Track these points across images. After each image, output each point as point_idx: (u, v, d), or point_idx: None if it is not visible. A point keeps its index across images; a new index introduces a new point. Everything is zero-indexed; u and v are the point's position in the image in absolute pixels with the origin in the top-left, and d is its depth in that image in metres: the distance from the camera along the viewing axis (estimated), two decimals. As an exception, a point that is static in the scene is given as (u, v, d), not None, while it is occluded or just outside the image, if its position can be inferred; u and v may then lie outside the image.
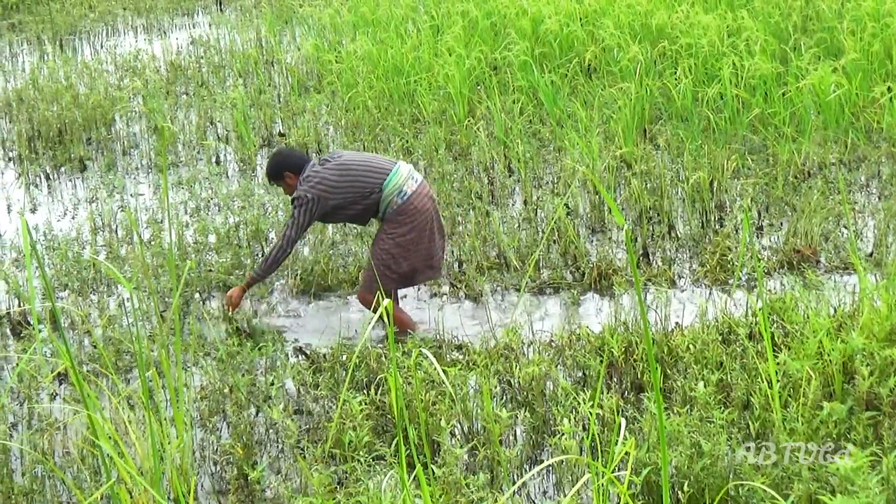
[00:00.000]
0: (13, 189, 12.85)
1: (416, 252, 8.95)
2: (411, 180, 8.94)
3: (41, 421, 7.66)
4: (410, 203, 8.87)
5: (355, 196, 8.87)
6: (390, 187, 8.85)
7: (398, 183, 8.87)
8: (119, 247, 10.79)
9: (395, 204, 8.86)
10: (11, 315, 9.45)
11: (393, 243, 8.90)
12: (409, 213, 8.88)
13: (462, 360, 8.21)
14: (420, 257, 8.98)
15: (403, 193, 8.87)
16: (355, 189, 8.86)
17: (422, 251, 8.97)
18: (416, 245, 8.93)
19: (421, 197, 8.93)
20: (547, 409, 7.42)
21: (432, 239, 9.04)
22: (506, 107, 13.21)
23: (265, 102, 14.82)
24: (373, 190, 8.85)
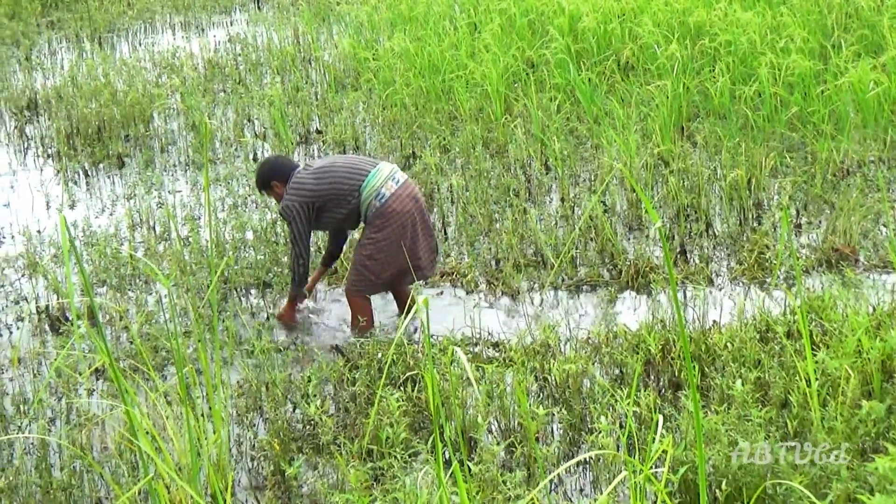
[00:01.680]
0: (52, 185, 12.91)
1: (398, 255, 8.89)
2: (391, 181, 8.86)
3: (79, 416, 7.70)
4: (388, 205, 8.80)
5: (336, 200, 8.84)
6: (368, 190, 8.80)
7: (375, 185, 8.81)
8: (157, 243, 10.83)
9: (373, 207, 8.81)
10: (51, 310, 9.49)
11: (374, 248, 8.87)
12: (387, 216, 8.81)
13: (499, 357, 8.21)
14: (403, 260, 8.92)
15: (381, 196, 8.80)
16: (334, 193, 8.83)
17: (404, 254, 8.91)
18: (398, 248, 8.87)
19: (401, 199, 8.85)
20: (584, 406, 7.41)
21: (416, 239, 8.97)
22: (543, 104, 13.19)
23: (302, 100, 14.84)
24: (351, 193, 8.81)
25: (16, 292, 9.97)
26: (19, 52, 18.89)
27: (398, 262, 8.90)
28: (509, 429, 7.29)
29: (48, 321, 9.43)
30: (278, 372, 7.93)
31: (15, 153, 14.22)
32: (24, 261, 10.44)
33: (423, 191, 11.49)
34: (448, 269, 10.03)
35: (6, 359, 8.81)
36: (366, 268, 8.89)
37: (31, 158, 14.02)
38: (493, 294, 9.68)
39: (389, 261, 8.88)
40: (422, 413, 7.55)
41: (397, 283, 9.10)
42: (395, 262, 8.89)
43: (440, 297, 9.63)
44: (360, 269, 8.92)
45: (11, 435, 7.52)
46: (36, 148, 14.37)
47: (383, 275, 8.93)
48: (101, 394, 8.05)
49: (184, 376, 6.46)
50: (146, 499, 6.76)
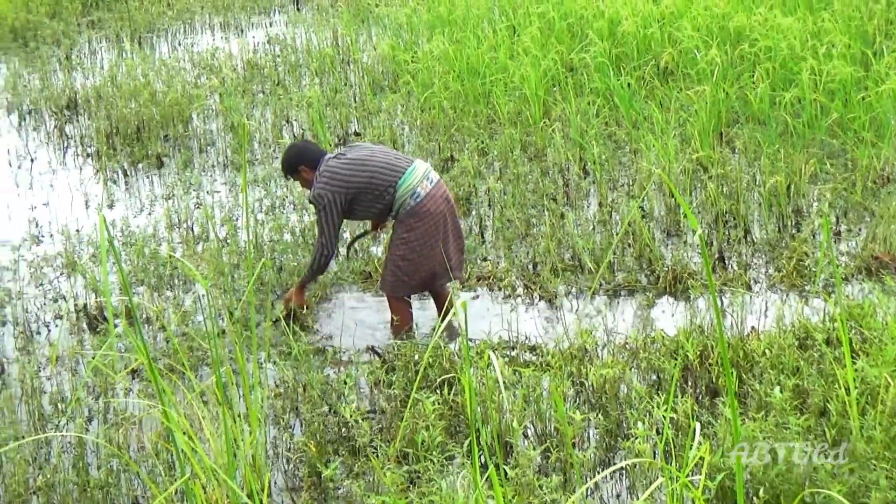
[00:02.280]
0: (91, 185, 12.97)
1: (431, 256, 8.89)
2: (426, 181, 8.84)
3: (116, 415, 7.73)
4: (423, 205, 8.79)
5: (371, 194, 8.79)
6: (404, 187, 8.77)
7: (412, 184, 8.78)
8: (194, 244, 10.86)
9: (407, 205, 8.78)
10: (89, 309, 9.53)
11: (407, 249, 8.85)
12: (420, 216, 8.80)
13: (536, 361, 8.20)
14: (437, 261, 8.93)
15: (417, 195, 8.78)
16: (370, 186, 8.78)
17: (437, 254, 8.91)
18: (431, 249, 8.87)
19: (434, 199, 8.84)
20: (620, 412, 7.39)
21: (447, 241, 8.96)
22: (581, 108, 13.17)
23: (341, 102, 14.86)
24: (386, 189, 8.77)
25: (54, 291, 10.03)
26: (60, 51, 18.98)
27: (431, 262, 8.89)
28: (545, 433, 7.28)
29: (86, 320, 9.47)
30: (315, 373, 7.94)
31: (55, 152, 14.30)
32: (63, 260, 10.49)
33: (461, 194, 11.50)
34: (485, 273, 10.02)
35: (44, 357, 8.85)
36: (399, 268, 8.89)
37: (70, 158, 14.09)
38: (531, 298, 9.67)
39: (422, 261, 8.87)
40: (458, 416, 7.55)
41: (434, 284, 9.09)
42: (427, 262, 8.89)
43: (477, 301, 9.63)
44: (394, 270, 8.91)
45: (49, 433, 7.55)
46: (75, 147, 14.44)
47: (416, 275, 8.92)
48: (137, 393, 8.07)
49: (221, 376, 6.48)
50: (182, 499, 6.78)
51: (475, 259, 10.26)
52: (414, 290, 9.09)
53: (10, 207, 12.30)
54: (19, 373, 8.26)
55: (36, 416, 7.89)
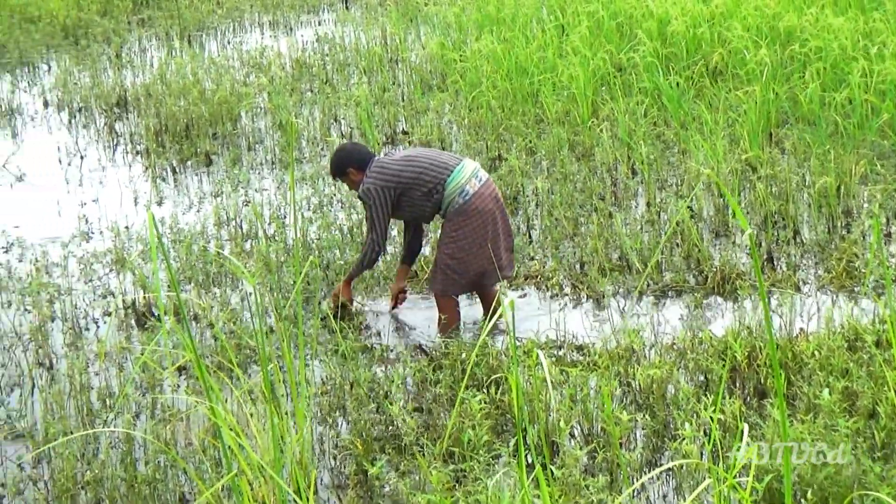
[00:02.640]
0: (140, 182, 13.03)
1: (480, 254, 8.89)
2: (475, 179, 8.84)
3: (164, 411, 7.76)
4: (471, 203, 8.80)
5: (419, 191, 8.82)
6: (453, 185, 8.79)
7: (461, 181, 8.79)
8: (243, 241, 10.90)
9: (456, 203, 8.80)
10: (137, 306, 9.58)
11: (456, 247, 8.86)
12: (469, 214, 8.81)
13: (583, 361, 8.18)
14: (486, 259, 8.92)
15: (465, 193, 8.79)
16: (419, 182, 8.81)
17: (486, 253, 8.91)
18: (480, 247, 8.87)
19: (483, 197, 8.85)
20: (668, 412, 7.37)
21: (496, 240, 8.96)
22: (630, 108, 13.13)
23: (389, 100, 14.88)
24: (435, 186, 8.79)
25: (103, 287, 10.07)
26: (110, 49, 19.09)
27: (480, 261, 8.89)
28: (592, 433, 7.26)
29: (134, 317, 9.51)
30: (362, 371, 7.95)
31: (104, 150, 14.39)
32: (112, 256, 10.54)
33: (508, 193, 11.49)
34: (532, 272, 10.01)
35: (93, 353, 8.89)
36: (448, 267, 8.89)
37: (120, 155, 14.18)
38: (578, 298, 9.65)
39: (471, 260, 8.87)
40: (504, 416, 7.54)
41: (483, 283, 9.08)
42: (476, 261, 8.88)
43: (524, 300, 9.62)
44: (443, 269, 8.92)
45: (98, 429, 7.59)
46: (125, 145, 14.53)
47: (466, 275, 8.92)
48: (185, 390, 8.10)
49: (268, 374, 6.50)
50: (229, 495, 6.80)
51: (522, 258, 10.24)
52: (463, 290, 9.10)
53: (61, 204, 12.37)
54: (68, 368, 8.30)
55: (84, 412, 7.93)
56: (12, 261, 10.61)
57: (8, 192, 13.07)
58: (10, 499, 7.04)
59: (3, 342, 9.14)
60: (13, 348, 9.05)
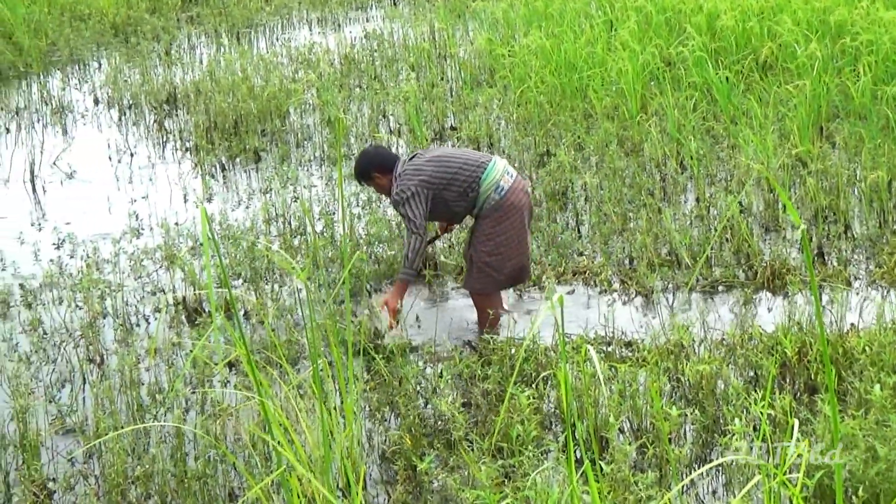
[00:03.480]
0: (189, 179, 13.10)
1: (518, 250, 8.94)
2: (507, 175, 8.87)
3: (214, 407, 7.80)
4: (507, 199, 8.82)
5: (455, 189, 8.82)
6: (488, 182, 8.80)
7: (495, 178, 8.81)
8: (291, 237, 10.93)
9: (491, 199, 8.81)
10: (188, 302, 9.62)
11: (494, 244, 8.88)
12: (505, 209, 8.83)
13: (632, 356, 8.17)
14: (523, 255, 8.99)
15: (500, 188, 8.81)
16: (455, 181, 8.82)
17: (524, 247, 8.97)
18: (518, 243, 8.92)
19: (516, 192, 8.87)
20: (717, 408, 7.35)
21: (526, 236, 9.02)
22: (679, 103, 13.09)
23: (437, 96, 14.89)
24: (471, 184, 8.80)
25: (153, 283, 10.13)
26: (159, 46, 19.19)
27: (518, 256, 8.95)
28: (641, 429, 7.25)
29: (185, 312, 9.56)
30: (410, 367, 7.96)
31: (154, 146, 14.47)
32: (162, 253, 10.60)
33: (557, 189, 11.49)
34: (581, 268, 10.00)
35: (143, 349, 8.95)
36: (487, 265, 8.89)
37: (169, 152, 14.26)
38: (627, 293, 9.63)
39: (509, 255, 8.90)
40: (553, 411, 7.54)
41: (520, 278, 9.11)
42: (513, 255, 8.93)
43: (573, 296, 9.60)
44: (482, 268, 8.91)
45: (148, 423, 7.64)
46: (174, 142, 14.61)
47: (504, 270, 8.94)
48: (235, 385, 8.15)
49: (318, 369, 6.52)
50: (278, 490, 6.83)
51: (571, 254, 10.23)
52: (501, 286, 9.11)
53: (111, 201, 12.45)
54: (118, 364, 8.35)
55: (134, 407, 7.98)
56: (63, 257, 10.67)
57: (59, 188, 13.16)
58: (62, 493, 7.11)
59: (55, 338, 9.21)
60: (64, 344, 9.12)
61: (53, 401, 8.16)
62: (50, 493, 7.12)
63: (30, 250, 10.81)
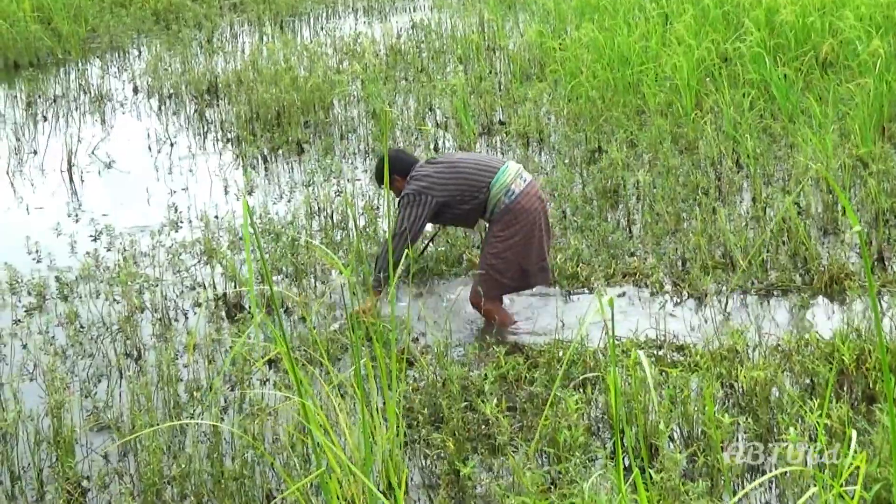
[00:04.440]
0: (230, 171, 13.14)
1: (526, 254, 8.99)
2: (519, 179, 8.97)
3: (252, 406, 7.82)
4: (518, 202, 8.90)
5: (463, 194, 8.93)
6: (498, 186, 8.90)
7: (505, 182, 8.91)
8: (333, 232, 10.95)
9: (502, 203, 8.91)
10: (228, 298, 9.65)
11: (503, 246, 8.95)
12: (515, 213, 8.91)
13: (684, 361, 8.14)
14: (532, 259, 9.03)
15: (511, 192, 8.90)
16: (463, 187, 8.94)
17: (533, 253, 9.01)
18: (527, 246, 8.98)
19: (529, 196, 8.95)
20: (771, 416, 7.31)
21: (542, 240, 9.06)
22: (735, 100, 13.05)
23: (486, 90, 14.90)
24: (480, 188, 8.91)
25: (192, 278, 10.16)
26: (201, 34, 19.29)
27: (525, 259, 9.02)
28: (692, 437, 7.23)
29: (224, 308, 9.59)
30: (455, 368, 7.96)
31: (194, 137, 14.53)
32: (202, 247, 10.62)
33: (608, 186, 11.47)
34: (632, 269, 9.97)
35: (181, 345, 8.98)
36: (491, 267, 8.97)
37: (210, 143, 14.32)
38: (679, 296, 9.60)
39: (515, 259, 8.98)
40: (602, 417, 7.53)
41: (525, 282, 9.18)
42: (521, 259, 9.00)
43: (623, 298, 9.58)
44: (486, 269, 8.98)
45: (185, 420, 7.66)
46: (215, 132, 14.67)
47: (508, 273, 9.01)
48: (275, 384, 8.17)
49: (360, 369, 6.53)
50: (317, 493, 6.84)
51: (622, 254, 10.21)
52: (504, 290, 9.17)
53: (150, 192, 12.51)
54: (156, 360, 8.39)
55: (171, 405, 8.00)
56: (100, 249, 10.73)
57: (96, 179, 13.23)
58: (96, 492, 7.13)
59: (91, 332, 9.25)
60: (101, 338, 9.15)
61: (89, 396, 8.21)
62: (84, 492, 7.14)
63: (66, 242, 10.89)
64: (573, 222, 10.75)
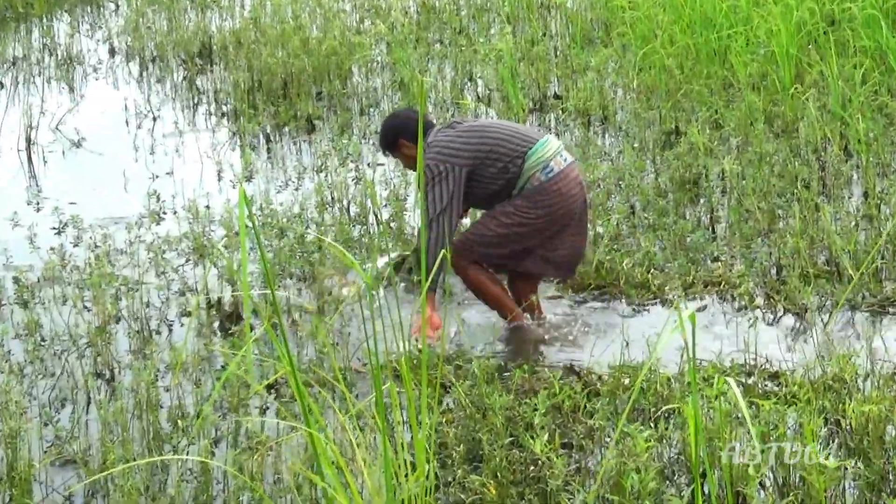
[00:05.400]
0: (226, 151, 13.17)
1: (537, 237, 8.97)
2: (560, 157, 8.92)
3: (250, 438, 7.80)
4: (555, 182, 8.85)
5: (492, 165, 8.85)
6: (534, 158, 8.84)
7: (545, 156, 8.85)
8: (350, 227, 10.92)
9: (536, 180, 8.85)
10: (224, 306, 9.64)
11: (517, 219, 8.91)
12: (550, 195, 8.86)
13: (779, 392, 8.10)
14: (539, 243, 9.01)
15: (549, 169, 8.85)
16: (491, 156, 8.85)
17: (545, 238, 8.99)
18: (542, 232, 8.95)
19: (569, 180, 8.90)
20: (886, 460, 7.27)
21: (565, 232, 9.04)
22: (844, 72, 13.01)
23: (538, 56, 14.88)
24: (513, 158, 8.83)
25: (180, 281, 10.13)
26: (192, -15, 19.34)
27: (534, 242, 9.01)
28: (788, 484, 7.19)
29: (218, 319, 9.57)
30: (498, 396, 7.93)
31: (182, 110, 14.58)
32: (190, 243, 10.61)
33: (688, 176, 11.45)
34: (715, 278, 9.95)
35: (164, 363, 8.95)
36: (491, 230, 8.96)
37: (201, 117, 14.37)
38: (773, 311, 9.57)
39: (523, 240, 8.99)
40: (678, 457, 7.50)
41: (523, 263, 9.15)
42: (529, 241, 9.00)
43: (704, 313, 9.55)
44: (483, 231, 9.01)
45: (167, 456, 7.65)
46: (208, 104, 14.72)
47: (501, 247, 9.00)
48: (277, 412, 8.15)
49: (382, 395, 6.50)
50: (328, 545, 6.84)
51: (703, 259, 10.19)
52: (491, 260, 9.14)
53: (127, 176, 12.52)
54: (133, 381, 8.37)
55: (151, 435, 7.99)
56: (67, 245, 10.71)
57: (61, 160, 13.29)
58: (57, 540, 7.15)
59: (55, 346, 9.24)
60: (66, 354, 9.14)
61: (51, 423, 8.20)
62: (43, 539, 7.16)
63: (24, 235, 10.87)
64: (644, 220, 10.72)
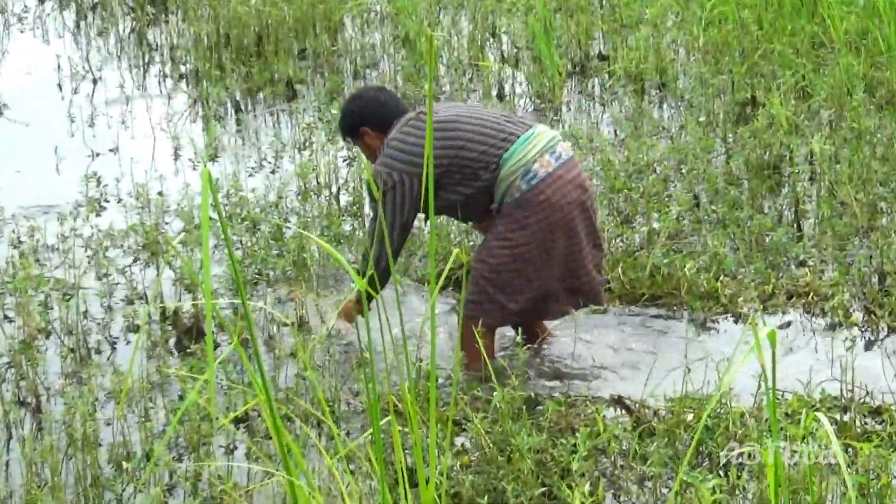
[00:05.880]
0: (184, 123, 13.17)
1: (546, 268, 8.86)
2: (549, 155, 8.76)
3: (212, 486, 7.81)
4: (539, 191, 8.70)
5: (456, 171, 8.76)
6: (513, 162, 8.71)
7: (526, 157, 8.72)
8: (340, 220, 10.90)
9: (516, 190, 8.72)
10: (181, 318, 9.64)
11: (510, 256, 8.80)
12: (534, 207, 8.72)
13: (882, 431, 8.11)
14: (554, 276, 8.91)
15: (532, 174, 8.71)
16: (456, 161, 8.76)
17: (556, 266, 8.89)
18: (547, 257, 8.84)
19: (560, 184, 8.77)
20: None
21: (577, 247, 8.93)
22: (967, 29, 13.05)
23: (579, 6, 14.89)
24: (485, 163, 8.73)
25: (127, 286, 10.10)
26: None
27: (546, 278, 8.90)
28: (893, 547, 7.22)
29: (174, 334, 9.56)
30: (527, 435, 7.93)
31: (130, 70, 14.61)
32: (139, 238, 10.60)
33: (767, 159, 11.43)
34: (801, 288, 9.95)
35: (105, 390, 8.93)
36: (490, 282, 8.87)
37: (153, 80, 14.39)
38: (874, 330, 9.57)
39: (530, 276, 8.87)
40: (754, 513, 7.52)
41: (540, 310, 9.12)
42: (539, 277, 8.89)
43: (788, 331, 9.56)
44: (483, 284, 8.89)
45: (108, 506, 7.68)
46: (161, 64, 14.75)
47: (519, 296, 8.90)
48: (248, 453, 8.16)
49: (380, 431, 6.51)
50: None
51: (786, 264, 10.19)
52: (505, 320, 9.12)
53: (60, 154, 12.52)
54: (66, 412, 8.37)
55: (88, 481, 8.00)
56: (-17, 240, 10.77)
57: (-23, 132, 13.31)
58: None
59: (-34, 367, 9.28)
60: (-18, 377, 9.19)
61: (-39, 465, 8.24)
62: None
63: (-71, 228, 10.94)
64: (710, 213, 10.71)
